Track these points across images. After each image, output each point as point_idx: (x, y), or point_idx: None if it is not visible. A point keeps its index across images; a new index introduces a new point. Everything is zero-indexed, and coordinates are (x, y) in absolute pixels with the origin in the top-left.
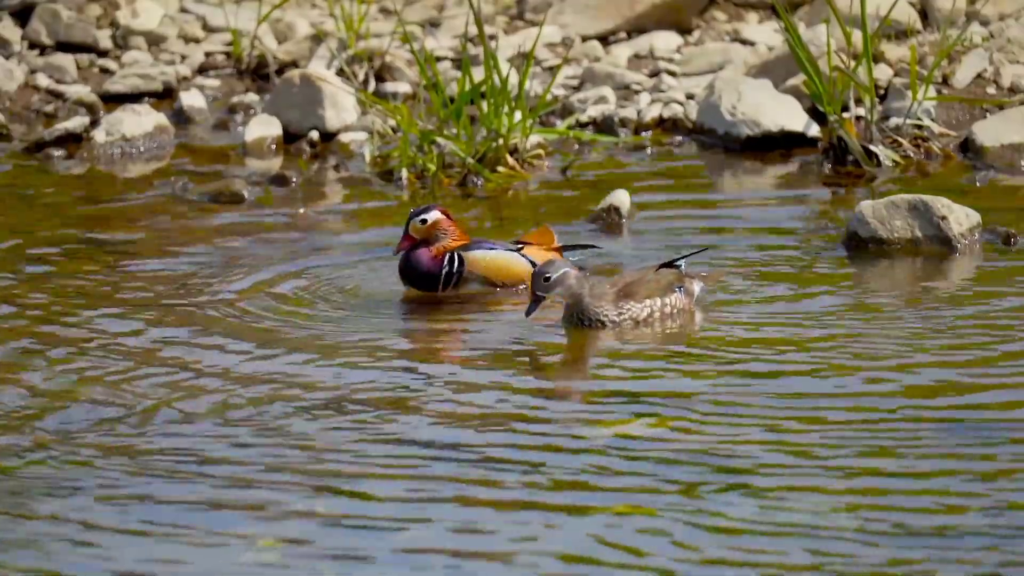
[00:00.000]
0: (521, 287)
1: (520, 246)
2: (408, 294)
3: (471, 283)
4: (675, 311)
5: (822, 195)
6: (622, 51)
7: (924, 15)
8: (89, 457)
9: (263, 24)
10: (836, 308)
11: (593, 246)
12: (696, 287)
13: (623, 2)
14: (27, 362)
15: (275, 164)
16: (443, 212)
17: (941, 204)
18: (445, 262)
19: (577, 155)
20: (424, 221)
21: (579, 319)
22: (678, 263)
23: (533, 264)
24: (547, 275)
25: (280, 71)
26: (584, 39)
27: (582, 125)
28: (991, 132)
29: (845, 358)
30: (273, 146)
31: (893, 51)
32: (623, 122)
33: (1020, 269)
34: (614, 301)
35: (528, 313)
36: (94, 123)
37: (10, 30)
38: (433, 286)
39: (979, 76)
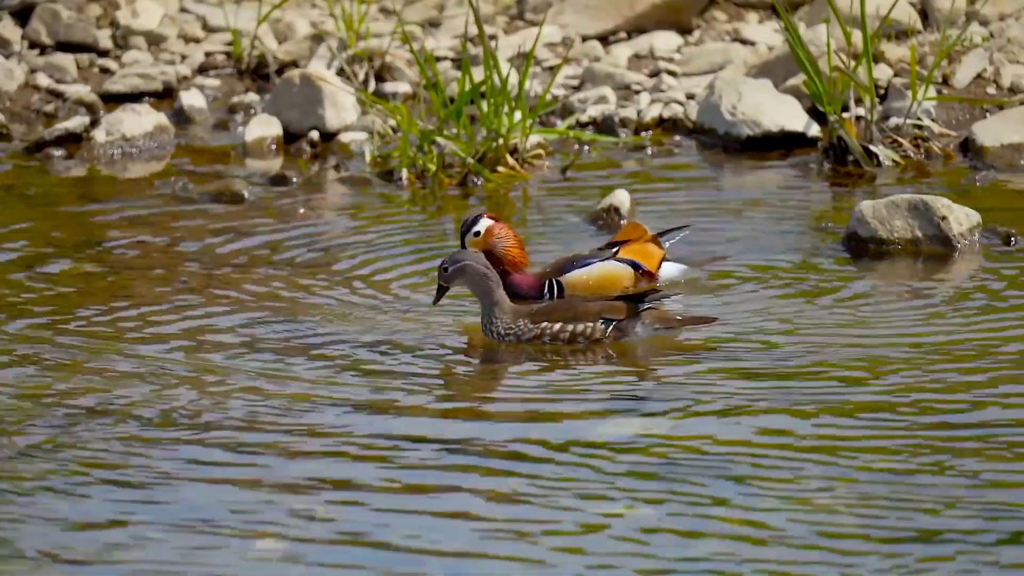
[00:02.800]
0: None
1: (615, 248)
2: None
3: None
4: (584, 339)
5: (822, 195)
6: (622, 51)
7: (924, 15)
8: (88, 456)
9: (263, 24)
10: (836, 308)
11: (686, 227)
12: (639, 328)
13: (623, 2)
14: (27, 362)
15: (275, 164)
16: (491, 217)
17: (941, 204)
18: (545, 289)
19: (577, 155)
20: (478, 233)
21: (485, 327)
22: (649, 301)
23: (634, 265)
24: (445, 266)
25: (280, 71)
26: (584, 39)
27: (582, 125)
28: (991, 132)
29: (845, 358)
30: (273, 146)
31: (893, 51)
32: (623, 122)
33: (1020, 269)
34: (528, 317)
35: (434, 302)
36: (94, 123)
37: (10, 30)
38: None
39: (979, 76)
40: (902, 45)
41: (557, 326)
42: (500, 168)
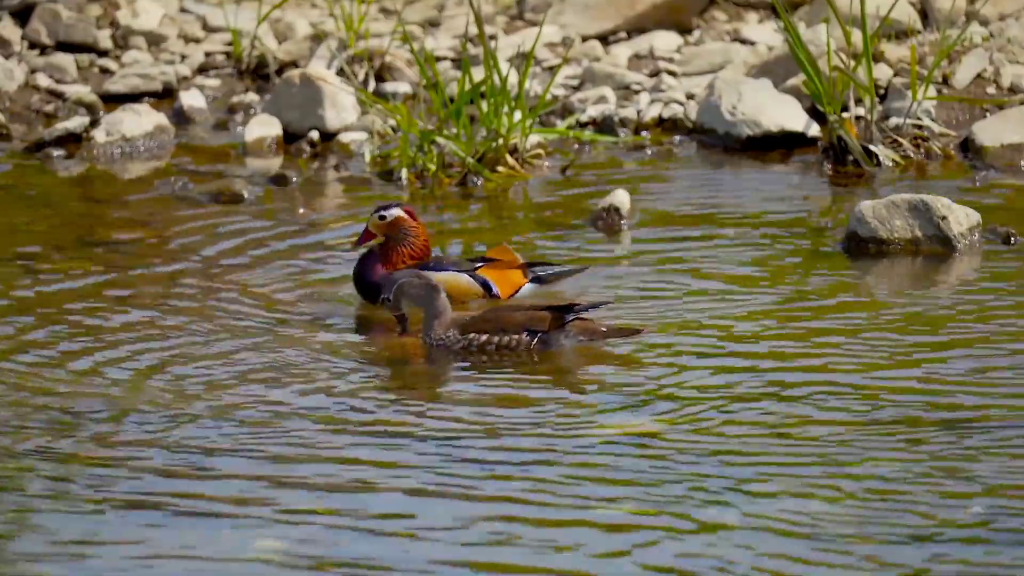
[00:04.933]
0: (467, 302)
1: (478, 265)
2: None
3: None
4: (509, 351)
5: (822, 195)
6: (622, 51)
7: (924, 15)
8: (87, 456)
9: (263, 24)
10: (836, 308)
11: (551, 264)
12: (564, 340)
13: (623, 2)
14: (26, 362)
15: (275, 164)
16: (407, 211)
17: (941, 204)
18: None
19: (577, 155)
20: (383, 217)
21: (423, 334)
22: (579, 312)
23: (486, 286)
24: (385, 296)
25: (280, 71)
26: (584, 39)
27: (582, 125)
28: (991, 132)
29: (845, 358)
30: (273, 146)
31: (893, 51)
32: (623, 122)
33: (1020, 269)
34: (458, 328)
35: (401, 333)
36: (94, 123)
37: (10, 30)
38: (374, 299)
39: (979, 76)
40: (902, 45)
41: (484, 337)
42: (500, 168)
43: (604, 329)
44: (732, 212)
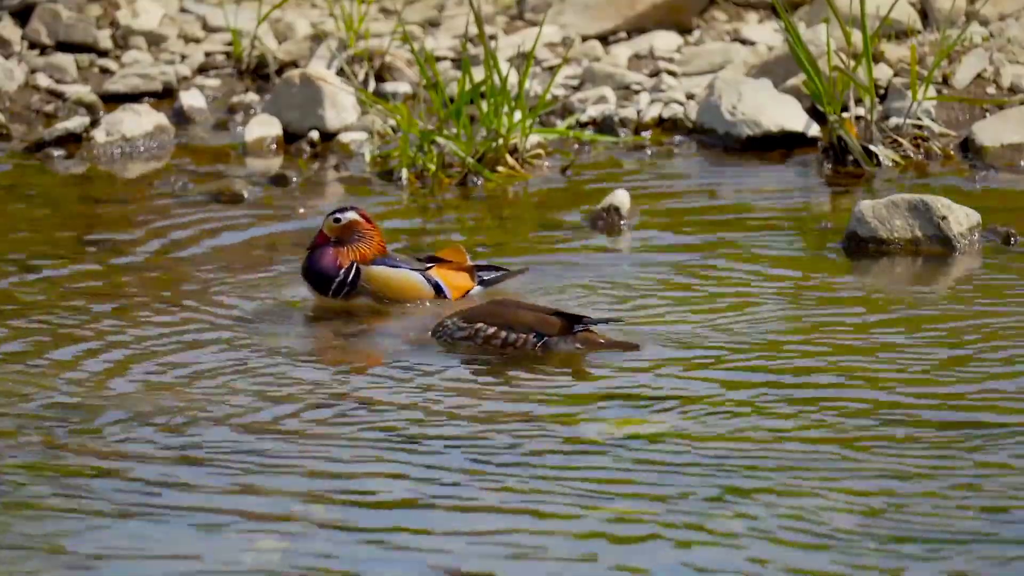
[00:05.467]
0: (410, 305)
1: (429, 265)
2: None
3: (363, 295)
4: (514, 349)
5: (822, 195)
6: (622, 51)
7: (924, 15)
8: (87, 456)
9: (263, 24)
10: (836, 308)
11: (504, 269)
12: (563, 346)
13: (623, 2)
14: (26, 362)
15: (275, 164)
16: (362, 214)
17: (941, 204)
18: (342, 271)
19: (577, 155)
20: (338, 220)
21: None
22: (585, 324)
23: (436, 287)
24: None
25: (280, 71)
26: (584, 39)
27: (582, 125)
28: (991, 132)
29: (845, 358)
30: (273, 146)
31: (893, 51)
32: (623, 122)
33: (1020, 269)
34: (461, 316)
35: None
36: (94, 123)
37: (10, 30)
38: (325, 289)
39: (979, 76)
40: (902, 45)
41: (491, 330)
42: (500, 168)
43: (603, 341)
44: (732, 212)
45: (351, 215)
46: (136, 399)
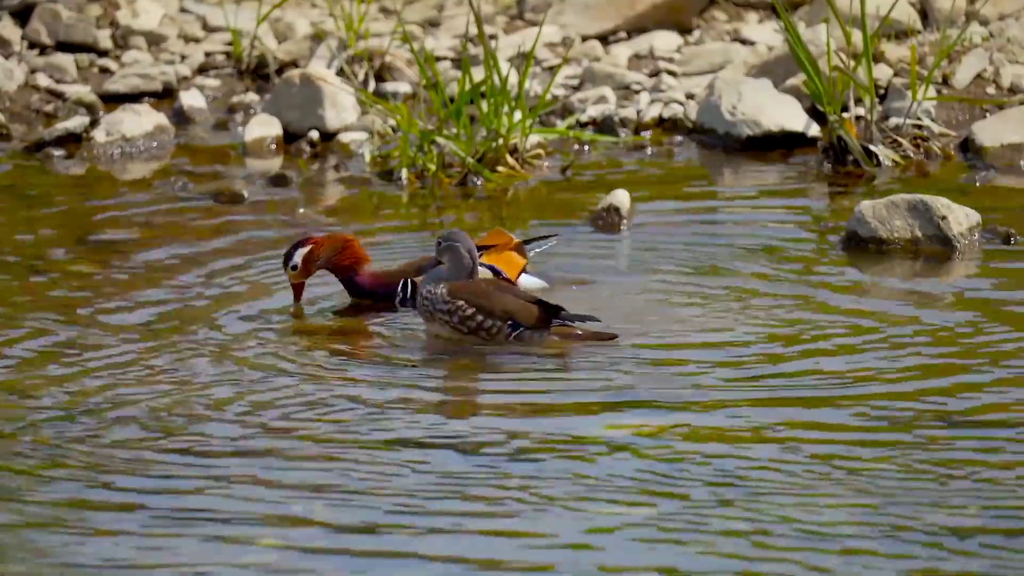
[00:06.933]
0: None
1: (479, 253)
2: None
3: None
4: (485, 334)
5: (822, 195)
6: (622, 51)
7: (924, 15)
8: (87, 456)
9: (263, 24)
10: (836, 308)
11: (553, 235)
12: (538, 337)
13: (623, 2)
14: (26, 362)
15: (275, 164)
16: (308, 242)
17: (941, 204)
18: (399, 288)
19: (577, 155)
20: (295, 267)
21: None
22: (563, 319)
23: (494, 271)
24: (439, 240)
25: (280, 71)
26: (584, 39)
27: (582, 125)
28: (991, 132)
29: (845, 358)
30: (273, 146)
31: (893, 51)
32: (623, 122)
33: (1020, 269)
34: (448, 288)
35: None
36: (94, 123)
37: (10, 30)
38: (389, 300)
39: (979, 76)
40: (902, 45)
41: (469, 311)
42: (500, 168)
43: (580, 333)
44: (732, 212)
45: (300, 252)
46: (136, 400)
